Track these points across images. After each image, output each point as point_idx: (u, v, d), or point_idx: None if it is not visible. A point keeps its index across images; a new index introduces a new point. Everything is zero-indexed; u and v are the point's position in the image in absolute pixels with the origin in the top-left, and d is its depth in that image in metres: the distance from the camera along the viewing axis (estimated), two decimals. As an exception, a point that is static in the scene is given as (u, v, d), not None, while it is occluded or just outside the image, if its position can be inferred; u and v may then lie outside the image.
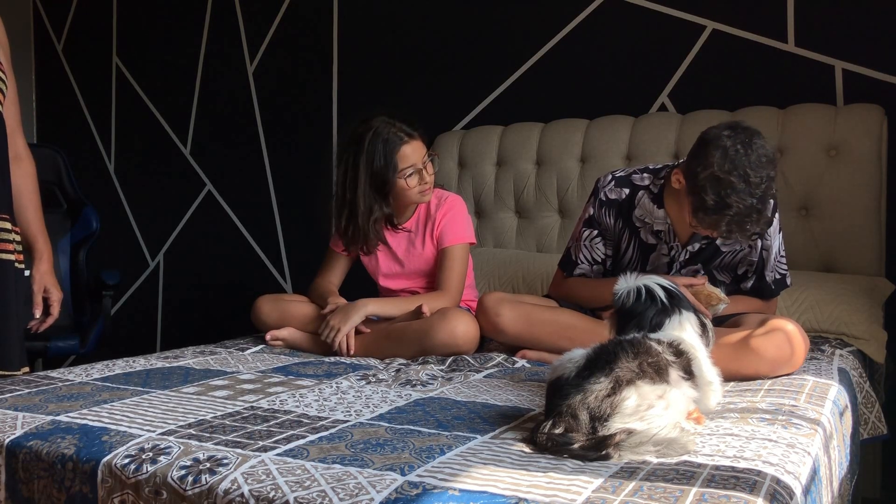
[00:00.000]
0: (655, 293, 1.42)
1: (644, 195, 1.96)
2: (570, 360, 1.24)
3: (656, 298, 1.41)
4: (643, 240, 1.99)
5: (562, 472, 1.02)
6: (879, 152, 2.43)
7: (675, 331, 1.37)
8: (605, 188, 2.02)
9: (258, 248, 3.66)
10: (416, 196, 2.19)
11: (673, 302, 1.41)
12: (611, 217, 2.02)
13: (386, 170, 2.13)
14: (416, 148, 2.16)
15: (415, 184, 2.17)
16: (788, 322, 1.66)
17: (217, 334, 2.79)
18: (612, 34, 2.91)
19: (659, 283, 1.44)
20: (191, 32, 3.78)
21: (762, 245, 1.95)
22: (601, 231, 2.05)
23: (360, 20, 3.40)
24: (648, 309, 1.40)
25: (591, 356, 1.22)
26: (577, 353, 1.25)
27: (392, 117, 2.17)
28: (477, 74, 3.15)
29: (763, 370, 1.63)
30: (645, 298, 1.42)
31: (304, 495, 0.96)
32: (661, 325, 1.38)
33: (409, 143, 2.15)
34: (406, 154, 2.14)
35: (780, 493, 0.96)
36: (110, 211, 3.97)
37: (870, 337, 2.16)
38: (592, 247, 2.06)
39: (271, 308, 2.26)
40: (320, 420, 1.30)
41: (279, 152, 3.61)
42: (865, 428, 1.88)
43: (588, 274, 2.09)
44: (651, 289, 1.42)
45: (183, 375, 1.73)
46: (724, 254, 1.97)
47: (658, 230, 1.95)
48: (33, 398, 1.47)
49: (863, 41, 2.54)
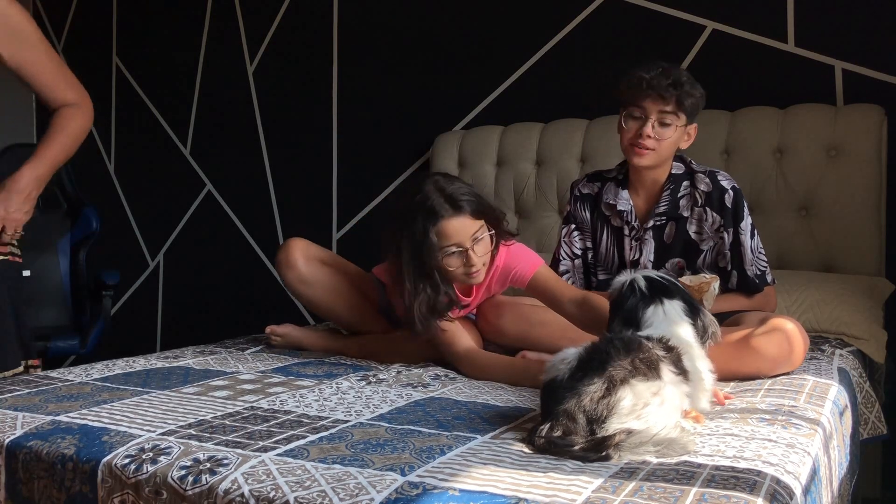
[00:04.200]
0: (637, 283, 1.43)
1: (611, 183, 2.10)
2: (562, 361, 1.23)
3: (636, 289, 1.42)
4: (614, 226, 2.08)
5: (562, 472, 1.02)
6: (879, 152, 2.43)
7: (659, 320, 1.37)
8: (579, 185, 2.15)
9: (258, 248, 3.66)
10: (462, 277, 1.84)
11: (654, 291, 1.41)
12: (586, 211, 2.12)
13: (422, 246, 1.77)
14: (461, 225, 1.77)
15: (457, 264, 1.80)
16: (788, 321, 1.67)
17: (217, 334, 2.79)
18: (612, 34, 2.91)
19: (645, 275, 1.44)
20: (191, 32, 3.78)
21: (732, 237, 1.98)
22: (577, 225, 2.13)
23: (360, 20, 3.40)
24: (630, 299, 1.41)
25: (583, 356, 1.22)
26: (569, 352, 1.24)
27: (448, 180, 1.82)
28: (477, 74, 3.15)
29: (763, 369, 1.63)
30: (627, 290, 1.43)
31: (305, 495, 0.96)
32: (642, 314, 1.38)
33: (453, 218, 1.76)
34: (446, 232, 1.77)
35: (780, 493, 0.96)
36: (110, 211, 3.97)
37: (870, 337, 2.16)
38: (571, 241, 2.14)
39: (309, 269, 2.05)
40: (320, 420, 1.30)
41: (279, 152, 3.61)
42: (865, 428, 1.88)
43: (570, 270, 2.14)
44: (635, 280, 1.44)
45: (183, 375, 1.73)
46: (703, 252, 2.02)
47: (621, 210, 2.05)
48: (33, 398, 1.47)
49: (863, 41, 2.54)
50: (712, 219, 1.99)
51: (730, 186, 1.98)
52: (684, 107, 1.91)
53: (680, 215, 2.01)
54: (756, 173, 2.54)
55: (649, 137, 1.90)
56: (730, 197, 1.97)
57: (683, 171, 2.02)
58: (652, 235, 2.04)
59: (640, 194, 2.05)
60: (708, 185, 1.99)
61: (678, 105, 1.90)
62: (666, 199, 2.01)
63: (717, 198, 1.97)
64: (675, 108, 1.90)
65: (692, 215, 2.01)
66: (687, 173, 2.02)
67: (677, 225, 2.02)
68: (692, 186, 2.00)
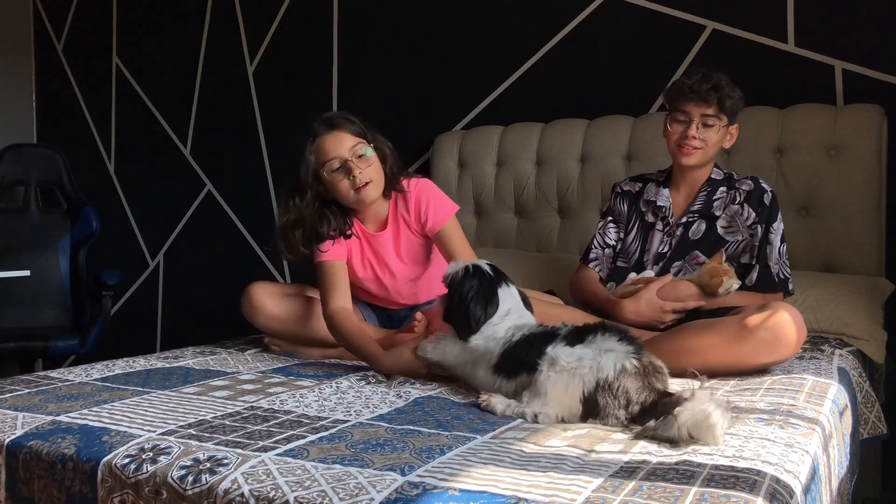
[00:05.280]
0: (482, 268, 1.61)
1: (652, 183, 2.24)
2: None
3: (484, 272, 1.60)
4: (646, 220, 2.21)
5: (562, 472, 1.02)
6: (879, 152, 2.43)
7: (506, 300, 1.57)
8: (620, 184, 2.31)
9: (258, 249, 3.66)
10: (353, 195, 1.96)
11: (499, 274, 1.61)
12: (624, 205, 2.26)
13: (311, 165, 1.94)
14: (338, 139, 1.93)
15: (342, 179, 1.94)
16: (786, 306, 1.67)
17: (217, 334, 2.79)
18: (612, 34, 2.91)
19: (486, 263, 1.64)
20: (191, 32, 3.79)
21: (763, 233, 2.06)
22: (615, 217, 2.27)
23: (360, 20, 3.40)
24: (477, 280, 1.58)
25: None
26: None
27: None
28: (477, 74, 3.15)
29: (761, 352, 1.61)
30: (474, 273, 1.60)
31: (304, 495, 0.96)
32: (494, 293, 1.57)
33: (328, 133, 1.94)
34: (324, 147, 1.93)
35: (779, 493, 0.96)
36: (110, 211, 3.97)
37: (870, 337, 2.16)
38: (605, 232, 2.26)
39: (275, 306, 2.08)
40: (320, 420, 1.31)
41: (279, 152, 3.61)
42: (865, 428, 1.88)
43: (599, 258, 2.25)
44: (479, 266, 1.62)
45: (183, 375, 1.73)
46: (728, 243, 2.08)
47: (661, 205, 2.17)
48: (33, 398, 1.48)
49: (863, 41, 2.54)
50: (748, 213, 2.07)
51: (769, 189, 2.10)
52: (725, 108, 2.04)
53: (712, 214, 2.11)
54: (756, 173, 2.52)
55: (695, 138, 2.03)
56: (769, 197, 2.08)
57: (722, 178, 2.15)
58: (681, 231, 2.14)
59: (681, 192, 2.18)
60: (750, 184, 2.11)
61: (719, 107, 2.03)
62: (702, 198, 2.13)
63: (758, 196, 2.08)
64: (716, 111, 2.03)
65: (724, 212, 2.11)
66: (726, 179, 2.14)
67: (707, 223, 2.12)
68: (731, 189, 2.12)
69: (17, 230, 3.71)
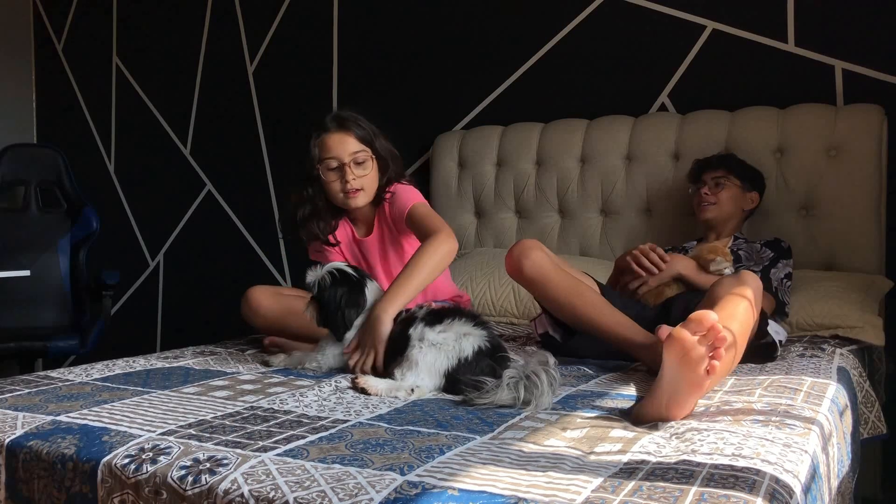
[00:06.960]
0: (347, 272, 1.75)
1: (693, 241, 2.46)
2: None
3: (350, 276, 1.75)
4: None
5: (561, 472, 1.02)
6: (879, 152, 2.43)
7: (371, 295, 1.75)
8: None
9: (258, 248, 3.66)
10: (341, 196, 2.04)
11: (362, 274, 1.78)
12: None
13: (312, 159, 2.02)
14: (341, 140, 2.01)
15: (334, 179, 2.03)
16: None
17: (217, 334, 2.79)
18: (612, 34, 2.91)
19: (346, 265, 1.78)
20: (191, 32, 3.79)
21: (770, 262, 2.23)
22: None
23: (360, 20, 3.40)
24: (346, 286, 1.73)
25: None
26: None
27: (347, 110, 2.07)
28: (477, 74, 3.15)
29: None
30: (341, 278, 1.74)
31: (304, 495, 0.96)
32: (362, 293, 1.74)
33: (334, 133, 2.01)
34: (326, 143, 2.01)
35: (779, 493, 0.96)
36: (110, 211, 3.97)
37: (864, 324, 2.14)
38: None
39: (272, 303, 2.09)
40: (320, 420, 1.31)
41: (279, 152, 3.61)
42: (865, 427, 1.88)
43: None
44: (343, 270, 1.75)
45: (183, 375, 1.73)
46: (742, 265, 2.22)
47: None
48: (33, 398, 1.48)
49: (863, 41, 2.54)
50: (766, 252, 2.27)
51: (788, 243, 2.33)
52: (733, 170, 2.36)
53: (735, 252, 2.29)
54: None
55: (707, 194, 2.35)
56: (785, 244, 2.32)
57: (745, 237, 2.39)
58: None
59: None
60: (771, 236, 2.37)
61: (727, 170, 2.35)
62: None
63: (776, 242, 2.31)
64: (724, 173, 2.35)
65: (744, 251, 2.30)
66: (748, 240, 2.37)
67: None
68: (754, 241, 2.35)
69: (17, 230, 3.71)
